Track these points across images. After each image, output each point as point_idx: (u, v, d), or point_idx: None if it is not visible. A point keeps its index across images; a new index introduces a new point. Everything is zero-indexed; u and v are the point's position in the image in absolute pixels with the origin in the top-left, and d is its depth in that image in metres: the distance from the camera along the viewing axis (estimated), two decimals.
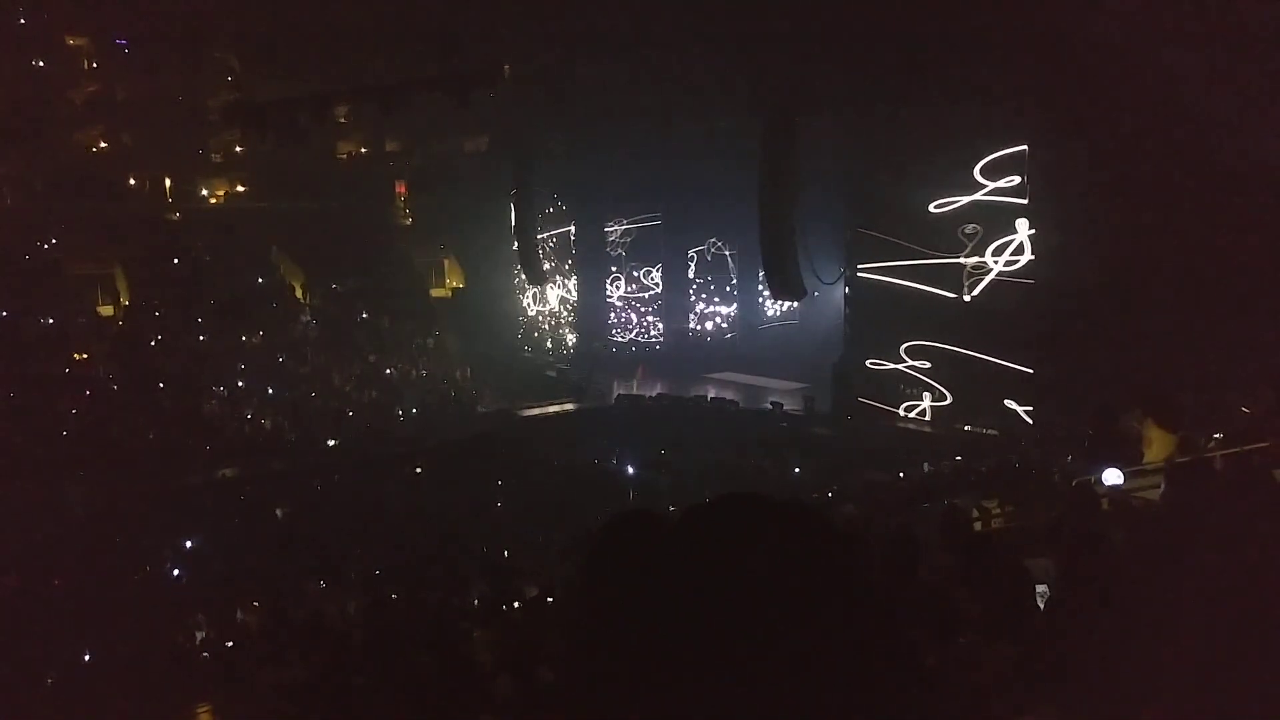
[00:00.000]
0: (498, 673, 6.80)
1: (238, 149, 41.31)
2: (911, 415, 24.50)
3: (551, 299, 36.17)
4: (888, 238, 24.27)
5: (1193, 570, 3.33)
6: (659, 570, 1.05)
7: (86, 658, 13.08)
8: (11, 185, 35.44)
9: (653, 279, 34.44)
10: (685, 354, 33.33)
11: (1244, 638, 2.68)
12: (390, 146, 41.38)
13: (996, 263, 22.60)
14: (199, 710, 10.23)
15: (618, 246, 34.51)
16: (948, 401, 23.85)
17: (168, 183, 39.81)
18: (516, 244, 33.81)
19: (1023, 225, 22.03)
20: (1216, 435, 9.13)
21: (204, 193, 40.93)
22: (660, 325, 34.60)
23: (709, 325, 34.38)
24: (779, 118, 24.17)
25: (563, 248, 35.40)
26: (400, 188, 40.29)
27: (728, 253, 33.72)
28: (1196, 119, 18.26)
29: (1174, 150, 18.57)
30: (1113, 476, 7.09)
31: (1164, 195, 18.63)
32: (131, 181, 38.89)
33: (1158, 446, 7.79)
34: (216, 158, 41.72)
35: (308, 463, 25.16)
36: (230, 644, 13.58)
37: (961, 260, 22.98)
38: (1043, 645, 3.67)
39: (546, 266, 34.58)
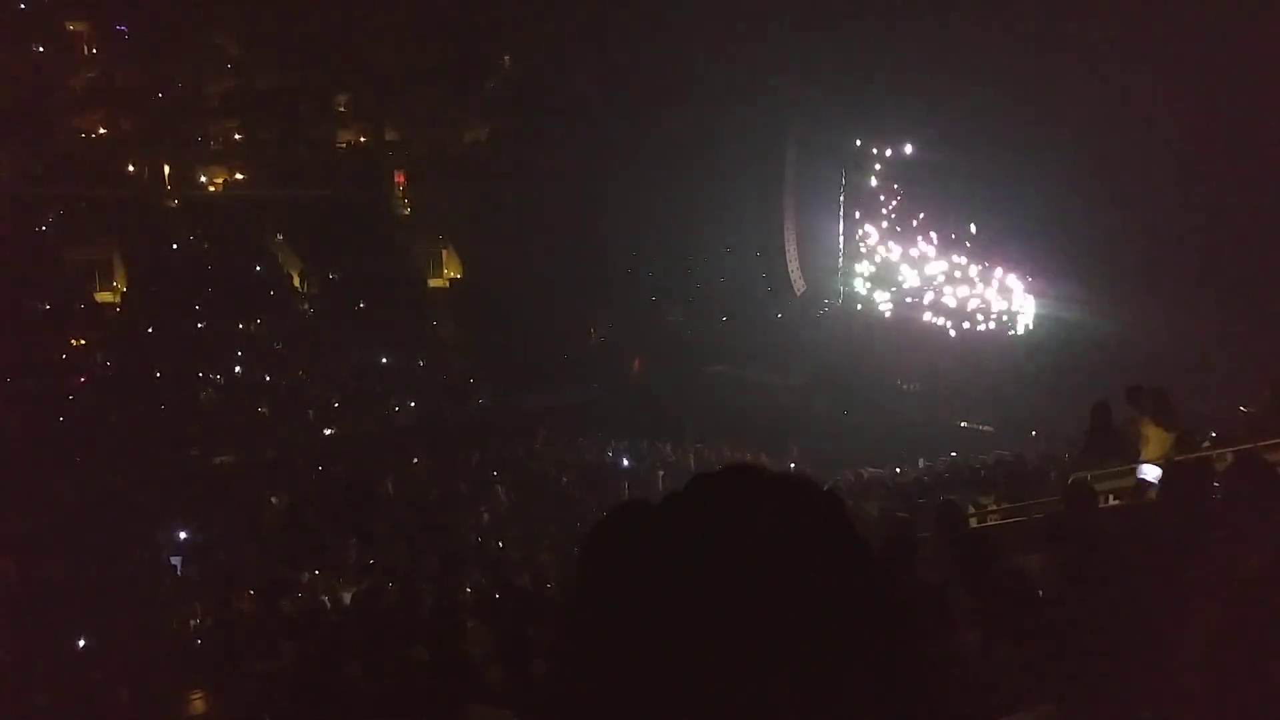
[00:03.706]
0: (491, 664, 6.78)
1: (237, 137, 41.21)
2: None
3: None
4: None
5: (1189, 568, 3.32)
6: (660, 543, 1.03)
7: (81, 644, 13.06)
8: (11, 171, 35.32)
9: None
10: (681, 348, 33.26)
11: (1241, 635, 2.67)
12: (389, 136, 41.24)
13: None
14: (193, 697, 10.23)
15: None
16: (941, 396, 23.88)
17: (167, 170, 39.67)
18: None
19: None
20: (1213, 434, 9.13)
21: (203, 180, 40.80)
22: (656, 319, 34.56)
23: (707, 319, 34.30)
24: (786, 121, 24.16)
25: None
26: (399, 177, 40.16)
27: (728, 248, 33.64)
28: (1199, 118, 18.24)
29: (1174, 151, 18.54)
30: (1151, 472, 6.94)
31: (1167, 194, 18.61)
32: (130, 168, 38.76)
33: (1155, 444, 7.78)
34: (216, 145, 41.59)
35: (304, 451, 25.13)
36: (224, 632, 13.57)
37: None
38: (1040, 642, 3.66)
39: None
